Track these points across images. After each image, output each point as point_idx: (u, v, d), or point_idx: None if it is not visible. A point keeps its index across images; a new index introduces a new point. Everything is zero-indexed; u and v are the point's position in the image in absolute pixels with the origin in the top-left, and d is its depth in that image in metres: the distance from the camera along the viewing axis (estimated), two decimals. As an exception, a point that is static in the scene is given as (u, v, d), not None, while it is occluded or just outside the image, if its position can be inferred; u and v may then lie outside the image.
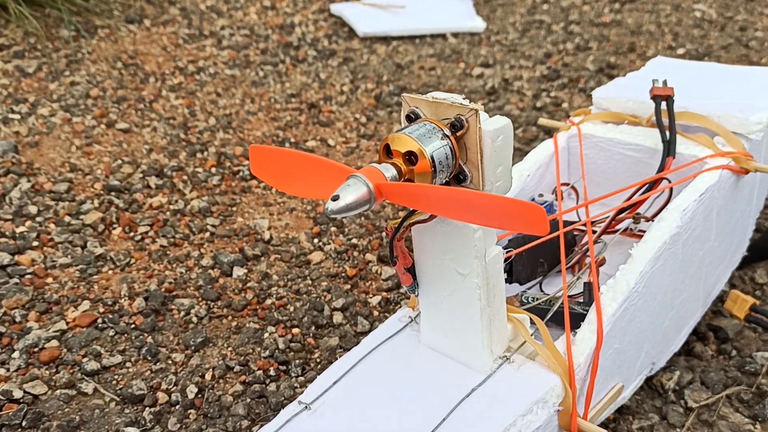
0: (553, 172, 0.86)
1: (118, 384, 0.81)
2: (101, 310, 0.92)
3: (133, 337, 0.88)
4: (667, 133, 0.80)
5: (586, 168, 0.87)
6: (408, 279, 0.58)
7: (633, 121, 0.87)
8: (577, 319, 0.63)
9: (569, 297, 0.68)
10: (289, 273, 1.01)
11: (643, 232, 0.73)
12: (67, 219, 1.09)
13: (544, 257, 0.76)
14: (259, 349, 0.87)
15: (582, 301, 0.68)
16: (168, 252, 1.04)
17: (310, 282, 0.99)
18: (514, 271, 0.73)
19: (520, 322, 0.60)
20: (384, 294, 0.97)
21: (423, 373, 0.59)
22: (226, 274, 1.00)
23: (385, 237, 1.08)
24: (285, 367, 0.84)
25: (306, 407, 0.57)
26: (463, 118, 0.49)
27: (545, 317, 0.64)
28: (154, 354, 0.85)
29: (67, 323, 0.89)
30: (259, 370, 0.84)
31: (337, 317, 0.92)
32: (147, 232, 1.07)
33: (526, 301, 0.69)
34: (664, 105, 0.82)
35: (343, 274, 1.01)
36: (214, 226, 1.10)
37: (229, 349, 0.87)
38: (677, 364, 0.82)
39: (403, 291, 0.97)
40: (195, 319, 0.91)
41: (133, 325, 0.90)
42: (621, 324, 0.64)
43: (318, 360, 0.86)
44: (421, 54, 1.79)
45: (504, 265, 0.59)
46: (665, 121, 0.81)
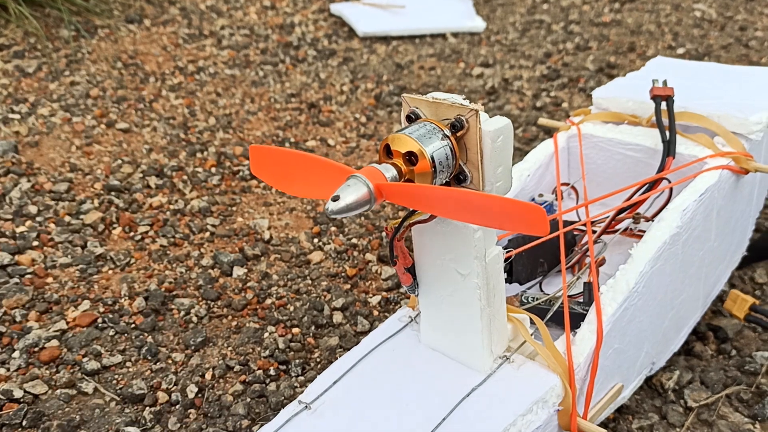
0: (553, 172, 0.86)
1: (118, 384, 0.81)
2: (101, 309, 0.92)
3: (133, 336, 0.88)
4: (667, 133, 0.80)
5: (586, 168, 0.87)
6: (408, 279, 0.58)
7: (633, 121, 0.87)
8: (577, 319, 0.63)
9: (569, 297, 0.69)
10: (289, 273, 1.01)
11: (643, 232, 0.73)
12: (67, 219, 1.09)
13: (544, 257, 0.76)
14: (259, 348, 0.87)
15: (582, 301, 0.68)
16: (168, 252, 1.04)
17: (310, 282, 0.99)
18: (514, 271, 0.73)
19: (520, 322, 0.60)
20: (384, 294, 0.97)
21: (423, 373, 0.59)
22: (226, 273, 1.00)
23: (385, 237, 1.08)
24: (285, 367, 0.84)
25: (306, 407, 0.57)
26: (463, 118, 0.49)
27: (545, 317, 0.64)
28: (154, 354, 0.85)
29: (67, 323, 0.89)
30: (259, 369, 0.84)
31: (337, 317, 0.92)
32: (147, 232, 1.07)
33: (526, 301, 0.69)
34: (664, 105, 0.82)
35: (343, 274, 1.01)
36: (214, 225, 1.10)
37: (229, 348, 0.87)
38: (677, 364, 0.82)
39: (403, 291, 0.97)
40: (195, 318, 0.91)
41: (133, 325, 0.90)
42: (621, 324, 0.64)
43: (318, 360, 0.86)
44: (421, 54, 1.79)
45: (504, 265, 0.59)
46: (665, 121, 0.81)
